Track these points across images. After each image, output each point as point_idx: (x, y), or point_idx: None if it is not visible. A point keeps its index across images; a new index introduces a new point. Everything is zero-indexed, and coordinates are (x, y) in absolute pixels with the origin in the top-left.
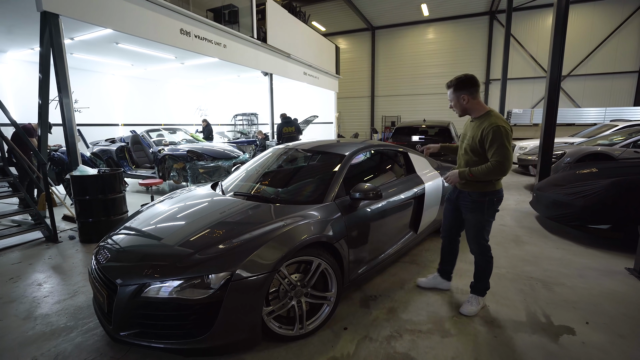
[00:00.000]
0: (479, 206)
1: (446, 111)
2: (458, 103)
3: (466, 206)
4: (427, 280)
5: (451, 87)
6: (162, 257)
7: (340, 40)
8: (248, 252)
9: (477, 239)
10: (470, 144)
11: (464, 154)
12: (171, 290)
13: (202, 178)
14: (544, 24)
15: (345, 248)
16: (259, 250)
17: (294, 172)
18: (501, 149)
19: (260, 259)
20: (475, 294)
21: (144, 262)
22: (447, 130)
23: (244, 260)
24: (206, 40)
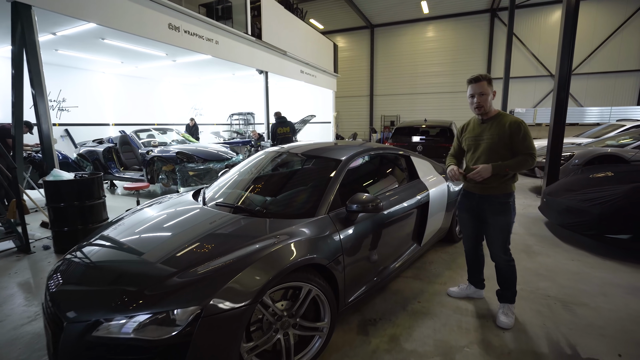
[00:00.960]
0: (506, 208)
1: (446, 110)
2: (489, 98)
3: (493, 210)
4: (459, 291)
5: (485, 80)
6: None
7: (338, 38)
8: (223, 280)
9: (504, 243)
10: (497, 142)
11: (487, 154)
12: (129, 328)
13: (192, 181)
14: (546, 21)
15: (341, 268)
16: (237, 278)
17: (283, 180)
18: (531, 142)
19: (238, 289)
20: (506, 302)
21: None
22: (449, 130)
23: (218, 291)
24: (197, 36)
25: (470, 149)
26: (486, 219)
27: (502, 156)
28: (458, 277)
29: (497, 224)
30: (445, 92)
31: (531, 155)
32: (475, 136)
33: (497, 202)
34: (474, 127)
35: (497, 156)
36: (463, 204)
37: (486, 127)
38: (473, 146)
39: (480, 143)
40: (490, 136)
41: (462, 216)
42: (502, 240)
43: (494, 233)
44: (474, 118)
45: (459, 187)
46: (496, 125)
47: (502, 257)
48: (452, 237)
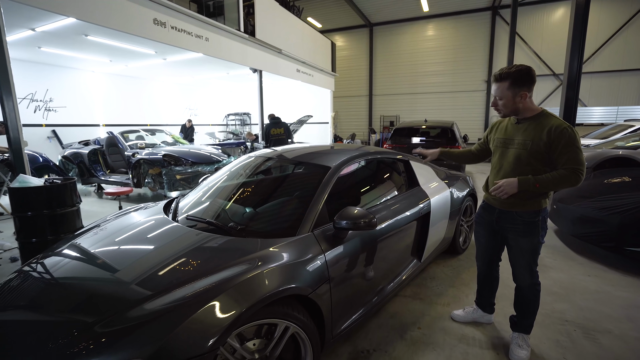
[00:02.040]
0: (533, 228)
1: (446, 110)
2: (512, 102)
3: (516, 230)
4: (464, 315)
5: (506, 80)
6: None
7: (337, 37)
8: (173, 323)
9: (531, 266)
10: (530, 150)
11: (514, 162)
12: None
13: (179, 185)
14: (549, 19)
15: (327, 297)
16: (192, 319)
17: (262, 191)
18: (577, 154)
19: (193, 332)
20: (521, 332)
21: None
22: (451, 130)
23: (165, 337)
24: (185, 33)
25: (496, 153)
26: (508, 241)
27: (533, 169)
28: (463, 296)
29: (519, 247)
30: (446, 92)
31: (576, 172)
32: (505, 138)
33: (520, 220)
34: (507, 126)
35: (526, 168)
36: (481, 217)
37: (521, 128)
38: (500, 150)
39: (509, 148)
40: (522, 141)
41: (478, 231)
42: (527, 262)
43: (518, 255)
44: (509, 117)
45: (463, 192)
46: (533, 128)
47: (528, 280)
48: (455, 248)
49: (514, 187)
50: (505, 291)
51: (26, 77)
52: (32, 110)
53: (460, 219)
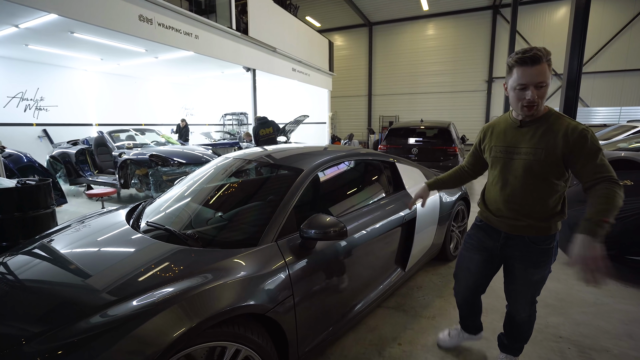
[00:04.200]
0: (547, 257)
1: (446, 111)
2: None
3: (527, 259)
4: (450, 340)
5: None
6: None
7: (336, 36)
8: (102, 346)
9: (534, 298)
10: (544, 159)
11: (524, 175)
12: None
13: (165, 186)
14: (551, 18)
15: (290, 314)
16: (131, 336)
17: (228, 196)
18: (605, 160)
19: (131, 352)
20: (510, 354)
21: None
22: (447, 131)
23: (101, 355)
24: (173, 30)
25: (496, 165)
26: (513, 270)
27: (549, 185)
28: (450, 307)
29: (527, 278)
30: (446, 92)
31: (614, 181)
32: (507, 146)
33: (535, 248)
34: (506, 131)
35: (542, 185)
36: (477, 240)
37: (527, 133)
38: (502, 161)
39: (515, 158)
40: (532, 149)
41: (470, 257)
42: (532, 294)
43: (523, 287)
44: (505, 118)
45: (454, 196)
46: (543, 132)
47: (527, 311)
48: (445, 255)
49: (596, 250)
50: (496, 303)
51: (15, 75)
52: (22, 109)
53: (450, 224)
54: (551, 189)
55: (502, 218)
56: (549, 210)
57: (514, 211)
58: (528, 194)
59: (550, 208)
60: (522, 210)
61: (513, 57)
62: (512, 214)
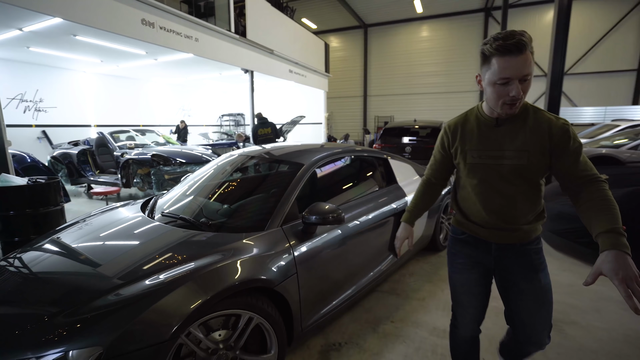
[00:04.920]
0: (541, 257)
1: (440, 111)
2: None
3: (528, 264)
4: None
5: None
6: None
7: (332, 38)
8: (134, 313)
9: (549, 314)
10: (533, 162)
11: (514, 180)
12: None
13: (167, 185)
14: (540, 21)
15: (295, 289)
16: (153, 309)
17: (236, 188)
18: (587, 158)
19: (153, 322)
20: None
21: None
22: (439, 130)
23: (126, 326)
24: (174, 33)
25: (476, 173)
26: (516, 283)
27: (537, 185)
28: (439, 290)
29: (535, 287)
30: (440, 93)
31: (604, 181)
32: (487, 150)
33: (528, 249)
34: (481, 132)
35: (531, 189)
36: (466, 256)
37: (506, 133)
38: (483, 168)
39: (500, 163)
40: (517, 152)
41: (465, 278)
42: (547, 315)
43: (536, 302)
44: (474, 113)
45: (444, 189)
46: (525, 131)
47: (544, 341)
48: (435, 245)
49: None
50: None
51: (15, 77)
52: (22, 110)
53: (440, 216)
54: (539, 191)
55: (491, 230)
56: (536, 212)
57: (504, 221)
58: (517, 201)
59: (538, 210)
60: (514, 219)
61: (491, 44)
62: (503, 224)
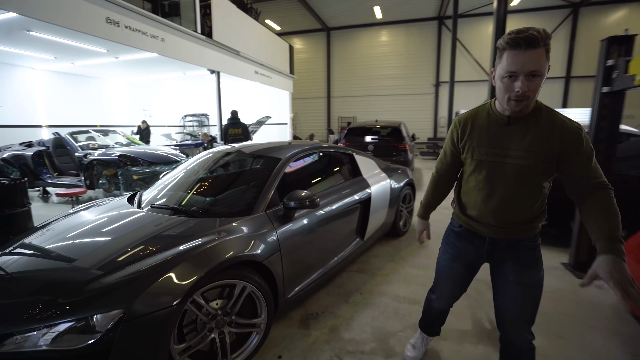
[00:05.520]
0: (539, 254)
1: (399, 112)
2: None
3: (519, 259)
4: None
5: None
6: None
7: (295, 40)
8: (148, 282)
9: (534, 314)
10: (539, 164)
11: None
12: (43, 339)
13: (136, 185)
14: (486, 30)
15: (279, 265)
16: (164, 278)
17: (221, 180)
18: (597, 164)
19: (165, 289)
20: None
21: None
22: (399, 130)
23: (143, 292)
24: (140, 32)
25: (481, 170)
26: (504, 277)
27: (541, 190)
28: (400, 267)
29: (524, 282)
30: (398, 95)
31: (611, 189)
32: (494, 148)
33: (522, 245)
34: (490, 129)
35: (535, 190)
36: (457, 248)
37: (516, 132)
38: (488, 166)
39: (505, 162)
40: (524, 152)
41: (451, 266)
42: (531, 311)
43: (521, 299)
44: (485, 109)
45: (401, 182)
46: (535, 132)
47: (526, 338)
48: (396, 231)
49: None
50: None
51: None
52: None
53: (399, 206)
54: (541, 193)
55: (486, 225)
56: (535, 212)
57: (500, 219)
58: (518, 202)
59: (537, 210)
60: (510, 218)
61: (504, 39)
62: (498, 222)
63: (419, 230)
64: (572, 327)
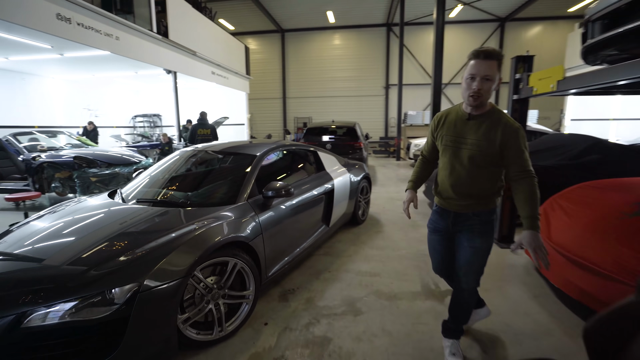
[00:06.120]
0: (490, 227)
1: (352, 113)
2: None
3: (473, 229)
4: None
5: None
6: (47, 279)
7: (249, 40)
8: (157, 260)
9: (480, 269)
10: (485, 151)
11: (469, 163)
12: (63, 313)
13: (95, 188)
14: (430, 38)
15: (261, 246)
16: (170, 257)
17: (204, 175)
18: (528, 157)
19: (172, 266)
20: (454, 338)
21: (19, 288)
22: (354, 130)
23: (153, 269)
24: (93, 30)
25: (446, 153)
26: (462, 241)
27: (488, 172)
28: (361, 250)
29: (475, 247)
30: (352, 96)
31: (535, 177)
32: (456, 136)
33: (477, 220)
34: (456, 122)
35: (482, 172)
36: (436, 223)
37: (473, 125)
38: (451, 150)
39: (462, 148)
40: (476, 140)
41: (433, 238)
42: (477, 267)
43: (472, 257)
44: (456, 109)
45: (359, 176)
46: (487, 126)
47: (471, 286)
48: (356, 219)
49: (537, 237)
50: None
51: None
52: None
53: (358, 197)
54: (491, 175)
55: (450, 200)
56: (488, 190)
57: (459, 194)
58: (471, 180)
59: (490, 189)
60: (466, 193)
61: (471, 52)
62: (458, 196)
63: (407, 199)
64: (495, 282)
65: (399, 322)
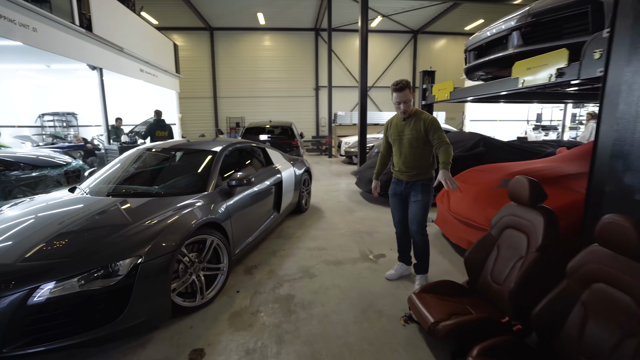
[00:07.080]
0: (428, 188)
1: (285, 113)
2: (412, 103)
3: (417, 190)
4: (394, 273)
5: (407, 87)
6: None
7: (175, 36)
8: (151, 238)
9: (423, 221)
10: (416, 137)
11: (409, 147)
12: (70, 286)
13: (19, 192)
14: (355, 44)
15: (230, 227)
16: (161, 235)
17: (173, 169)
18: (443, 133)
19: (164, 242)
20: (422, 273)
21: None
22: (290, 129)
23: (149, 245)
24: (6, 20)
25: (395, 144)
26: (411, 199)
27: (422, 149)
28: (307, 232)
29: (418, 201)
30: (284, 97)
31: (447, 143)
32: (398, 132)
33: (420, 184)
34: (397, 124)
35: (417, 150)
36: (394, 189)
37: (407, 124)
38: (397, 140)
39: (403, 137)
40: (410, 132)
41: (393, 201)
42: (421, 217)
43: (416, 209)
44: (396, 116)
45: (302, 170)
46: (414, 122)
47: (419, 232)
48: (300, 208)
49: (448, 174)
50: None
51: None
52: None
53: (301, 188)
54: (425, 152)
55: (402, 173)
56: (426, 163)
57: (407, 167)
58: (412, 157)
59: (427, 162)
60: (412, 166)
61: (392, 87)
62: (407, 169)
63: (374, 187)
64: None
65: (345, 278)
